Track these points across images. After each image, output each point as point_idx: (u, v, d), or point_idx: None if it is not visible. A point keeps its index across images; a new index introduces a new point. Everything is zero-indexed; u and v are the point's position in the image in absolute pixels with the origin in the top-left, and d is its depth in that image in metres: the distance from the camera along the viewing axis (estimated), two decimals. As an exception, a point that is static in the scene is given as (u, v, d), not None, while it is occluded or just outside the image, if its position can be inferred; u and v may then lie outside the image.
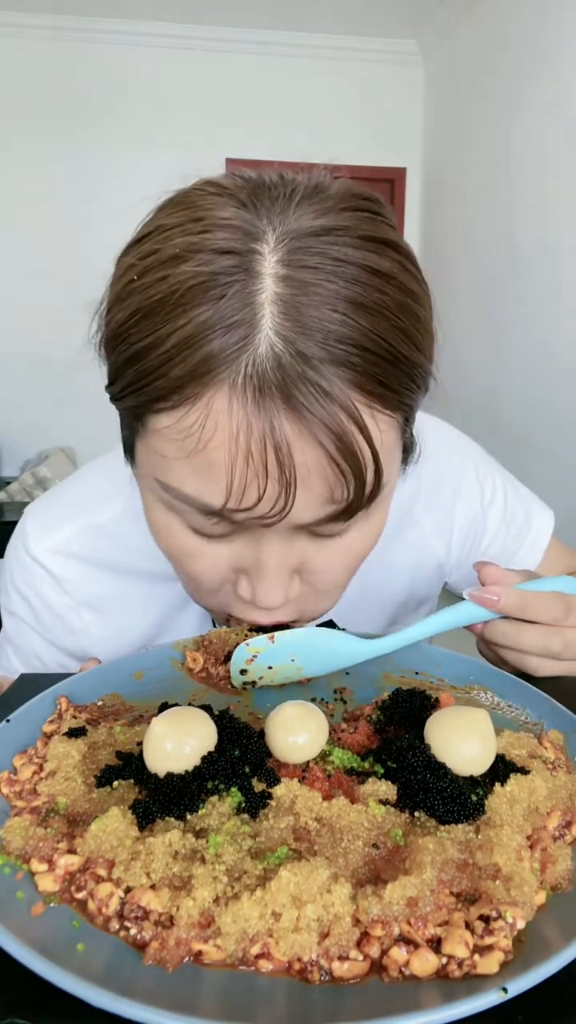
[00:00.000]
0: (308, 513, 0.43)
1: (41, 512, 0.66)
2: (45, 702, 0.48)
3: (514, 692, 0.51)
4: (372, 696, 0.50)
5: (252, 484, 0.40)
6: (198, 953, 0.29)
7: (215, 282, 0.39)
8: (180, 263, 0.39)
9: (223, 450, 0.40)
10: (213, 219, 0.41)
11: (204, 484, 0.42)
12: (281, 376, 0.38)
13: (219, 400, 0.39)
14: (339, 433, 0.40)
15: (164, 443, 0.43)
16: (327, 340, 0.39)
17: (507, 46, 3.23)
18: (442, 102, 4.06)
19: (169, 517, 0.47)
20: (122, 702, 0.50)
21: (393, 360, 0.41)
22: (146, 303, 0.40)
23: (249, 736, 0.41)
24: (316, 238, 0.40)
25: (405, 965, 0.29)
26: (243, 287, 0.39)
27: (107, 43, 3.99)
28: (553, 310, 2.90)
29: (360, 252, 0.40)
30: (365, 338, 0.39)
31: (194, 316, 0.38)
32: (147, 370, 0.41)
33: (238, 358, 0.38)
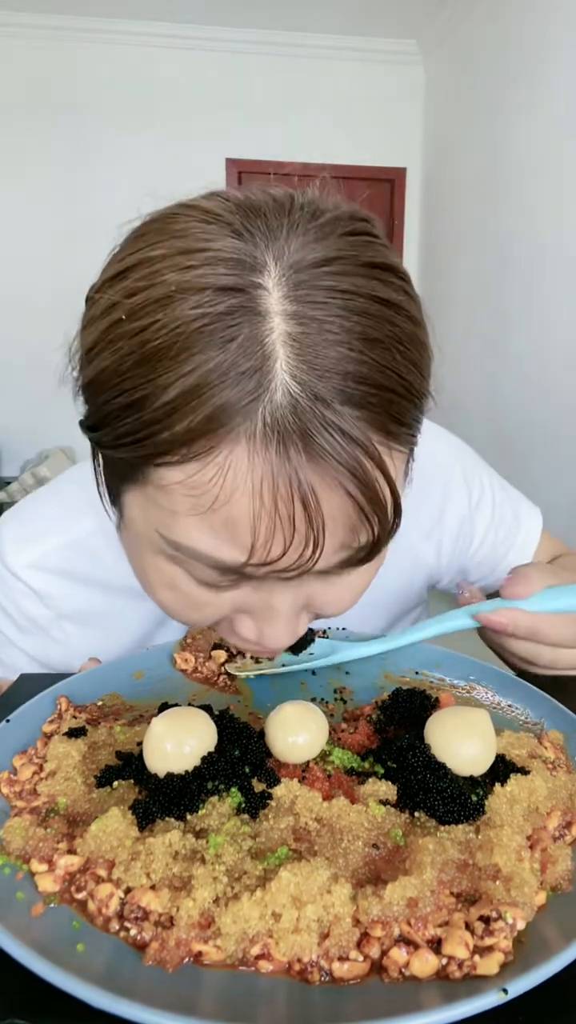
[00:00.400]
0: (327, 561, 0.41)
1: (16, 527, 0.64)
2: (45, 702, 0.48)
3: (514, 692, 0.51)
4: (372, 696, 0.51)
5: (277, 538, 0.38)
6: (198, 954, 0.29)
7: (220, 324, 0.36)
8: (176, 304, 0.36)
9: (245, 506, 0.37)
10: (206, 252, 0.37)
11: (222, 541, 0.39)
12: (300, 422, 0.36)
13: (238, 454, 0.36)
14: (363, 478, 0.38)
15: (173, 499, 0.39)
16: (344, 381, 0.36)
17: (507, 46, 3.22)
18: (442, 102, 4.06)
19: (171, 570, 0.44)
20: (122, 702, 0.50)
21: (407, 395, 0.39)
22: (141, 348, 0.37)
23: (249, 736, 0.41)
24: (320, 269, 0.38)
25: (405, 966, 0.29)
26: (251, 329, 0.36)
27: (107, 43, 3.98)
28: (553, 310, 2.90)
29: (367, 282, 0.38)
30: (381, 375, 0.37)
31: (200, 363, 0.35)
32: (148, 421, 0.37)
33: (255, 407, 0.35)
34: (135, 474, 0.41)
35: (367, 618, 0.70)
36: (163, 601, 0.47)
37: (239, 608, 0.45)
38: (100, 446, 0.43)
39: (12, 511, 0.67)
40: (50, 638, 0.65)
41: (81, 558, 0.63)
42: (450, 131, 3.96)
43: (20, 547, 0.63)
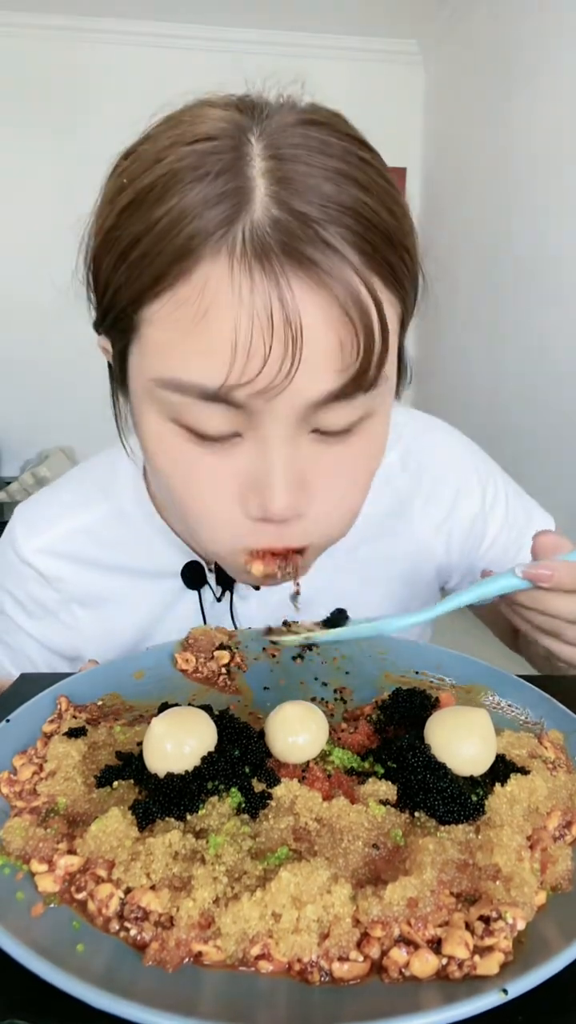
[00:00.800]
0: (314, 384, 0.41)
1: (28, 515, 0.66)
2: (45, 702, 0.48)
3: (514, 692, 0.51)
4: (372, 696, 0.50)
5: (257, 347, 0.39)
6: (198, 954, 0.29)
7: (203, 161, 0.40)
8: (168, 156, 0.41)
9: (224, 316, 0.39)
10: (200, 118, 0.42)
11: (205, 359, 0.41)
12: (282, 235, 0.39)
13: (218, 267, 0.39)
14: (347, 284, 0.39)
15: (161, 328, 0.42)
16: (324, 202, 0.39)
17: (507, 46, 3.22)
18: (442, 102, 4.06)
19: (167, 428, 0.46)
20: (122, 702, 0.50)
21: (386, 233, 0.42)
22: (135, 195, 0.41)
23: (249, 736, 0.41)
24: (300, 127, 0.42)
25: (405, 966, 0.29)
26: (232, 163, 0.40)
27: (107, 43, 3.98)
28: (553, 310, 2.90)
29: (342, 142, 0.42)
30: (360, 205, 0.40)
31: (184, 194, 0.39)
32: (138, 258, 0.41)
33: (232, 225, 0.39)
34: (132, 328, 0.44)
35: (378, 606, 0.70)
36: (164, 469, 0.48)
37: (241, 481, 0.46)
38: (104, 321, 0.47)
39: (26, 502, 0.69)
40: (60, 622, 0.66)
41: (90, 543, 0.65)
42: (450, 131, 3.96)
43: (30, 533, 0.65)
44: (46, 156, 4.05)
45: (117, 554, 0.65)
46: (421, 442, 0.72)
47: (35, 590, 0.65)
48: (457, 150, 3.87)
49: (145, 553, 0.65)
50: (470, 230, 3.69)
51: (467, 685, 0.53)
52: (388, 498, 0.69)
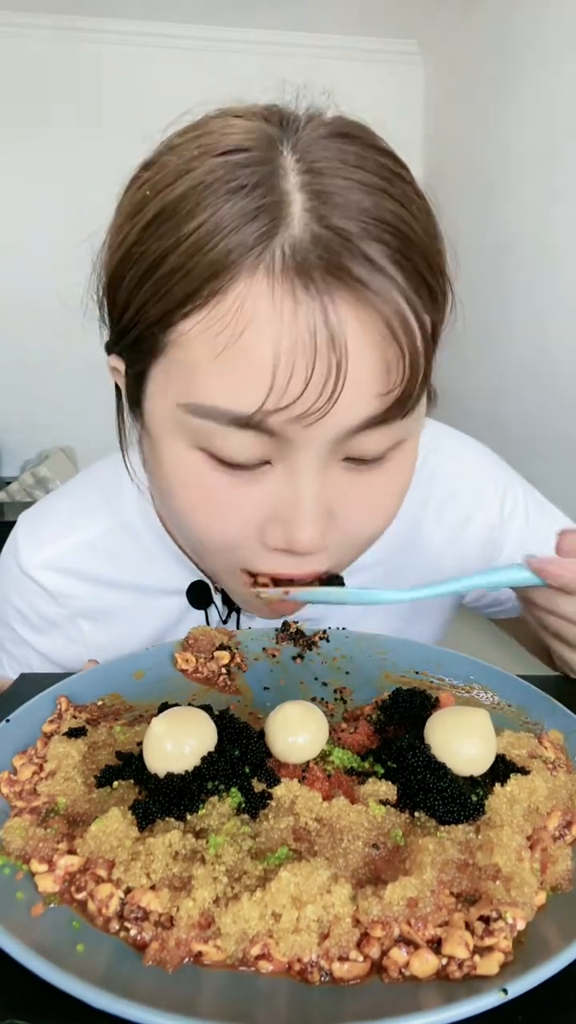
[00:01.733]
0: (355, 409, 0.39)
1: (32, 527, 0.65)
2: (45, 702, 0.48)
3: (514, 692, 0.51)
4: (372, 696, 0.50)
5: (299, 369, 0.37)
6: (198, 954, 0.29)
7: (236, 174, 0.38)
8: (196, 168, 0.39)
9: (264, 336, 0.37)
10: (228, 130, 0.40)
11: (241, 383, 0.38)
12: (323, 252, 0.37)
13: (256, 284, 0.37)
14: (393, 303, 0.37)
15: (192, 348, 0.39)
16: (364, 218, 0.37)
17: (507, 46, 3.22)
18: (442, 102, 4.06)
19: (190, 456, 0.43)
20: (122, 702, 0.50)
21: (424, 252, 0.40)
22: (161, 208, 0.39)
23: (249, 736, 0.41)
24: (332, 140, 0.40)
25: (405, 966, 0.29)
26: (267, 176, 0.38)
27: (107, 43, 3.98)
28: (553, 310, 2.90)
29: (374, 154, 0.40)
30: (399, 221, 0.38)
31: (215, 210, 0.37)
32: (167, 274, 0.39)
33: (271, 240, 0.37)
34: (156, 347, 0.42)
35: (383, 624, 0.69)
36: (187, 501, 0.45)
37: (266, 512, 0.44)
38: (122, 342, 0.44)
39: (28, 512, 0.67)
40: (66, 637, 0.65)
41: (95, 558, 0.63)
42: (450, 131, 3.96)
43: (34, 548, 0.63)
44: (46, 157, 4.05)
45: (122, 570, 0.63)
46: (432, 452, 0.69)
47: (40, 605, 0.64)
48: (457, 150, 3.86)
49: (150, 569, 0.63)
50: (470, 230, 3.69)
51: (467, 685, 0.53)
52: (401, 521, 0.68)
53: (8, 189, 4.05)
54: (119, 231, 0.43)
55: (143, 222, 0.40)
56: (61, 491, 0.69)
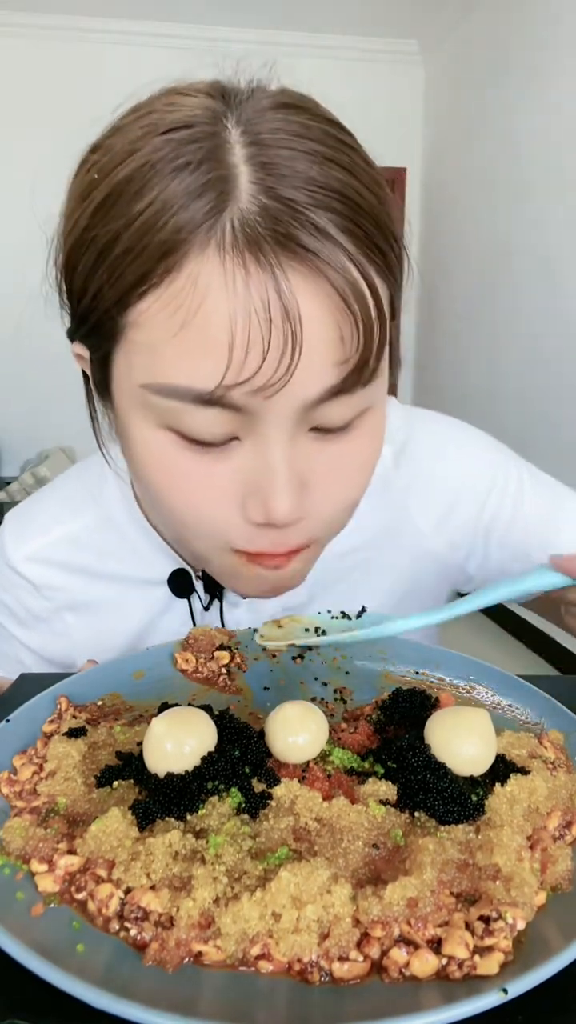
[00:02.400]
0: (315, 379, 0.40)
1: (16, 523, 0.65)
2: (45, 702, 0.48)
3: (514, 692, 0.51)
4: (372, 696, 0.50)
5: (255, 342, 0.38)
6: (198, 954, 0.29)
7: (181, 151, 0.38)
8: (141, 148, 0.39)
9: (218, 311, 0.38)
10: (172, 108, 0.40)
11: (199, 360, 0.39)
12: (272, 224, 0.37)
13: (208, 260, 0.38)
14: (344, 271, 0.38)
15: (149, 328, 0.40)
16: (311, 187, 0.38)
17: (507, 46, 3.22)
18: (442, 102, 4.06)
19: (158, 436, 0.43)
20: (122, 702, 0.50)
21: (375, 218, 0.40)
22: (109, 190, 0.39)
23: (249, 736, 0.41)
24: (276, 111, 0.40)
25: (405, 966, 0.29)
26: (212, 151, 0.38)
27: (107, 43, 3.98)
28: (552, 310, 2.90)
29: (320, 123, 0.41)
30: (347, 188, 0.39)
31: (161, 189, 0.37)
32: (120, 256, 0.39)
33: (220, 215, 0.37)
34: (116, 329, 0.42)
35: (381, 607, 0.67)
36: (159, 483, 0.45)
37: (240, 488, 0.44)
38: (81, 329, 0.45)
39: (14, 509, 0.67)
40: (52, 631, 0.65)
41: (80, 550, 0.64)
42: (450, 131, 3.96)
43: (20, 542, 0.64)
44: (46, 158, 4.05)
45: (106, 561, 0.64)
46: (418, 439, 0.69)
47: (26, 599, 0.64)
48: (457, 150, 3.87)
49: (134, 560, 0.64)
50: (470, 230, 3.70)
51: (467, 685, 0.53)
52: (385, 506, 0.67)
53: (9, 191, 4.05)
54: (71, 216, 0.43)
55: (93, 206, 0.40)
56: (46, 488, 0.69)
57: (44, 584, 0.64)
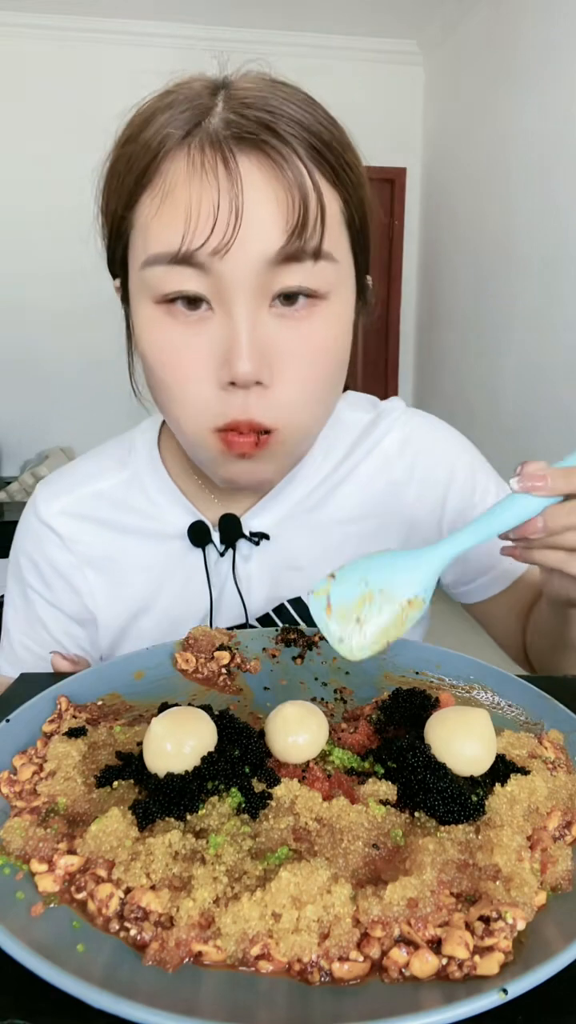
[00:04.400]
0: (262, 240, 0.49)
1: (48, 486, 0.73)
2: (45, 702, 0.48)
3: (514, 692, 0.51)
4: (372, 696, 0.50)
5: (207, 208, 0.49)
6: (198, 954, 0.29)
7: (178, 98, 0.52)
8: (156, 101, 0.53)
9: (181, 189, 0.50)
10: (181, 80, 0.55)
11: (170, 229, 0.50)
12: (234, 129, 0.49)
13: (180, 156, 0.50)
14: (287, 158, 0.49)
15: (144, 215, 0.52)
16: (274, 110, 0.50)
17: (507, 46, 3.22)
18: (442, 102, 4.06)
19: (153, 311, 0.54)
20: (122, 702, 0.50)
21: (327, 141, 0.52)
22: (129, 131, 0.53)
23: (249, 736, 0.41)
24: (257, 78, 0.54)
25: (405, 966, 0.29)
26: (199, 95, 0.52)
27: (107, 43, 3.98)
28: (552, 309, 2.90)
29: (290, 87, 0.53)
30: (305, 116, 0.51)
31: (161, 120, 0.51)
32: (128, 168, 0.53)
33: (195, 128, 0.50)
34: (127, 229, 0.55)
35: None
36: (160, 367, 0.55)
37: (215, 355, 0.52)
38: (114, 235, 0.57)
39: (51, 474, 0.75)
40: (71, 588, 0.71)
41: (106, 505, 0.71)
42: (450, 131, 3.96)
43: (51, 499, 0.71)
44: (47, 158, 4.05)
45: (130, 516, 0.70)
46: (420, 434, 0.75)
47: (52, 552, 0.70)
48: (457, 150, 3.86)
49: (154, 514, 0.70)
50: (470, 230, 3.69)
51: (467, 685, 0.53)
52: (387, 480, 0.73)
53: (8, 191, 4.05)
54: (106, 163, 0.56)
55: (118, 145, 0.54)
56: (79, 458, 0.76)
57: (70, 537, 0.70)
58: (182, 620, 0.69)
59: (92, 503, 0.70)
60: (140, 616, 0.71)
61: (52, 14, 3.86)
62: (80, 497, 0.71)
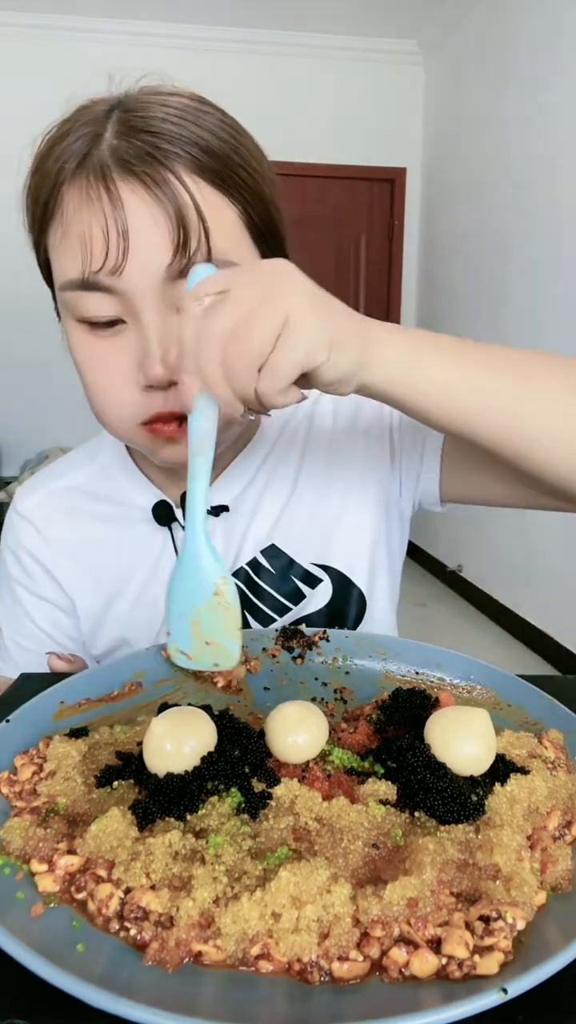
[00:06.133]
0: (152, 256, 0.52)
1: (27, 483, 0.78)
2: (45, 702, 0.48)
3: (514, 692, 0.51)
4: (372, 696, 0.51)
5: (97, 236, 0.52)
6: (198, 954, 0.29)
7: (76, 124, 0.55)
8: (61, 127, 0.56)
9: (76, 221, 0.54)
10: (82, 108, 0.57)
11: (72, 257, 0.54)
12: (119, 155, 0.53)
13: (75, 188, 0.54)
14: (163, 180, 0.52)
15: (52, 242, 0.57)
16: (156, 132, 0.53)
17: (507, 46, 3.22)
18: (442, 102, 4.06)
19: (75, 328, 0.58)
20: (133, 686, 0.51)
21: (214, 151, 0.54)
22: (35, 162, 0.57)
23: (249, 736, 0.41)
24: (149, 95, 0.56)
25: (405, 966, 0.29)
26: (95, 124, 0.55)
27: (107, 43, 3.98)
28: (552, 310, 2.90)
29: (182, 98, 0.56)
30: (191, 133, 0.53)
31: (58, 149, 0.55)
32: (36, 197, 0.57)
33: (87, 158, 0.53)
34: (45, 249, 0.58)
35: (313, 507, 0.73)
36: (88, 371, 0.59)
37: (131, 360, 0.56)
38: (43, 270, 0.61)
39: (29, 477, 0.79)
40: (51, 577, 0.74)
41: (77, 496, 0.75)
42: (450, 131, 3.96)
43: (28, 495, 0.76)
44: (46, 156, 4.05)
45: (100, 504, 0.74)
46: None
47: (30, 543, 0.74)
48: (457, 150, 3.86)
49: (123, 500, 0.74)
50: (470, 230, 3.70)
51: (467, 685, 0.53)
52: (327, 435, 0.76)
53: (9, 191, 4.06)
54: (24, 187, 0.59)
55: (30, 172, 0.58)
56: (54, 461, 0.81)
57: (45, 527, 0.74)
58: (156, 600, 0.71)
59: (64, 495, 0.75)
60: (115, 599, 0.72)
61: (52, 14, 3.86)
62: (53, 491, 0.75)
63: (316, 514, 0.73)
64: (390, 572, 0.77)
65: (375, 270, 4.44)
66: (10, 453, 4.23)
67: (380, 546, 0.75)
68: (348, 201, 4.33)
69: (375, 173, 4.32)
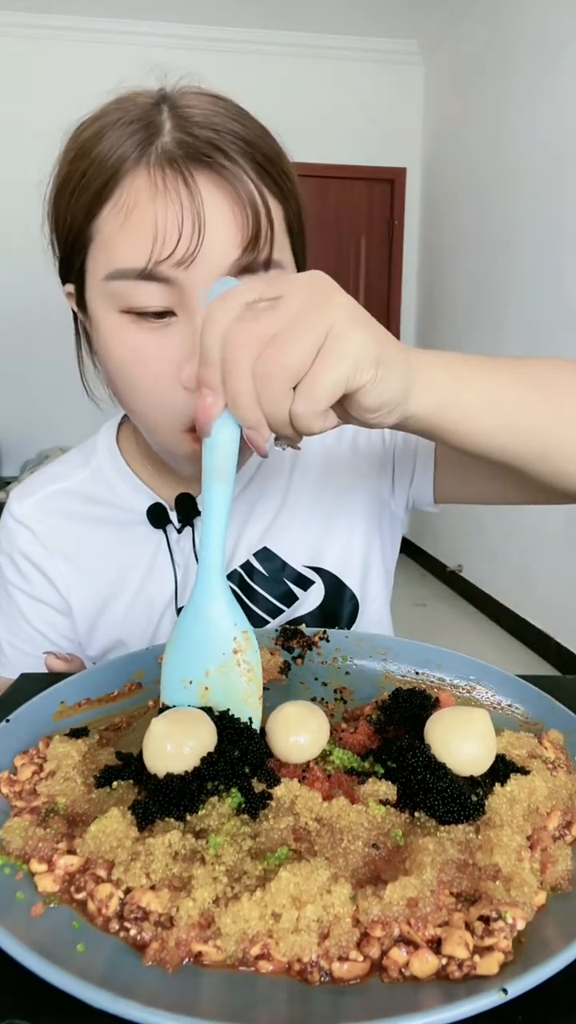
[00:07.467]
0: (220, 254, 0.52)
1: (22, 486, 0.77)
2: (45, 702, 0.48)
3: (514, 692, 0.51)
4: (372, 696, 0.51)
5: (172, 224, 0.51)
6: (198, 954, 0.29)
7: (125, 114, 0.54)
8: (102, 115, 0.55)
9: (145, 207, 0.52)
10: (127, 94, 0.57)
11: (135, 244, 0.52)
12: (186, 149, 0.52)
13: (139, 175, 0.52)
14: (238, 176, 0.52)
15: (106, 229, 0.54)
16: (217, 128, 0.53)
17: (507, 46, 3.22)
18: (442, 102, 4.06)
19: (118, 319, 0.55)
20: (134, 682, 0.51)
21: (267, 154, 0.55)
22: (78, 147, 0.55)
23: (249, 736, 0.41)
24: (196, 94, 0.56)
25: (405, 966, 0.29)
26: (145, 112, 0.54)
27: (108, 43, 3.99)
28: (552, 309, 2.90)
29: (225, 100, 0.56)
30: (245, 131, 0.54)
31: (112, 136, 0.53)
32: (84, 184, 0.54)
33: (148, 147, 0.53)
34: (86, 241, 0.56)
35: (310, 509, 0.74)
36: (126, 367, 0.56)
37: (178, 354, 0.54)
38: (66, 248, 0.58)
39: (23, 480, 0.78)
40: (47, 579, 0.73)
41: (72, 499, 0.75)
42: (450, 131, 3.96)
43: (23, 498, 0.75)
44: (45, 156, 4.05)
45: (95, 507, 0.73)
46: None
47: (26, 546, 0.73)
48: (457, 150, 3.86)
49: (118, 503, 0.73)
50: (470, 230, 3.70)
51: (467, 685, 0.53)
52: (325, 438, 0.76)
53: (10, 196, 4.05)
54: (55, 176, 0.57)
55: (68, 160, 0.56)
56: (48, 464, 0.80)
57: (41, 530, 0.73)
58: (151, 602, 0.71)
59: (59, 499, 0.75)
60: (111, 602, 0.72)
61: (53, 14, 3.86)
62: (48, 494, 0.75)
63: (309, 518, 0.74)
64: (383, 572, 0.77)
65: (375, 270, 4.44)
66: (10, 453, 4.23)
67: (373, 547, 0.75)
68: (348, 201, 4.33)
69: (375, 173, 4.32)
